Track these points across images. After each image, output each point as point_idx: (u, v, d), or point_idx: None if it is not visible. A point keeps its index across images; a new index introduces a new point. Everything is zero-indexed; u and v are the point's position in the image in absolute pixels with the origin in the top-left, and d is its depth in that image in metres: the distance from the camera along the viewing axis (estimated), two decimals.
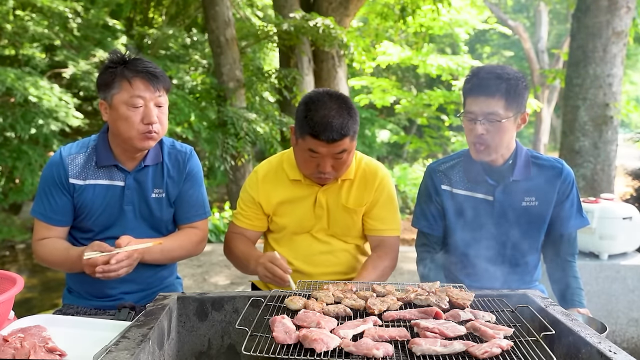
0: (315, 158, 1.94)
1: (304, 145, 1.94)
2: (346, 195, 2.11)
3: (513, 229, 2.03)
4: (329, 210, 2.11)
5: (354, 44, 8.19)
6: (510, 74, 1.89)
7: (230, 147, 7.17)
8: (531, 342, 1.29)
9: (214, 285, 4.87)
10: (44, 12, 8.30)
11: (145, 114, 1.84)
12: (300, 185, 2.10)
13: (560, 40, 18.39)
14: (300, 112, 1.95)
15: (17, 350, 1.25)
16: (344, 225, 2.14)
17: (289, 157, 2.14)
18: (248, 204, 2.16)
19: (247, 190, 2.16)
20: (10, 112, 6.45)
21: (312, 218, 2.12)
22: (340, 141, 1.89)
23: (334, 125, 1.86)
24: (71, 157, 1.95)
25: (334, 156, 1.93)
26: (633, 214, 3.47)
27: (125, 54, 1.89)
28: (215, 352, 1.62)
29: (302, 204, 2.11)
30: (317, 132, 1.87)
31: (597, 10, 5.67)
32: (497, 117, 1.87)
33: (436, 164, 2.17)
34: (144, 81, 1.83)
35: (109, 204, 1.95)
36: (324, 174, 1.97)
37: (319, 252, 2.15)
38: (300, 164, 2.03)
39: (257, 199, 2.13)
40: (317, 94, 1.96)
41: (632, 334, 3.53)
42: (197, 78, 8.74)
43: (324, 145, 1.89)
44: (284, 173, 2.12)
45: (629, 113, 10.74)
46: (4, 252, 7.59)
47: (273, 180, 2.13)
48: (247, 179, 2.19)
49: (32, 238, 2.01)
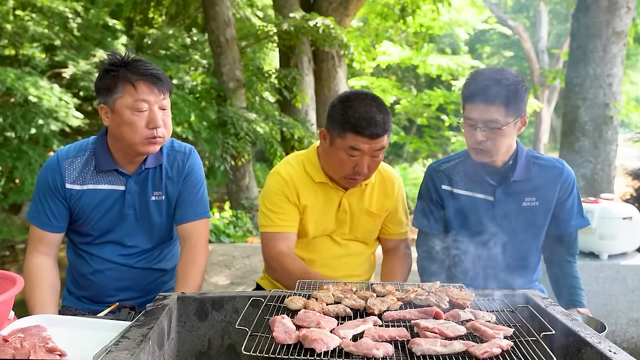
0: (354, 157, 1.91)
1: (343, 144, 1.91)
2: (369, 200, 2.10)
3: (513, 229, 2.03)
4: (352, 215, 2.09)
5: (354, 44, 8.19)
6: (510, 79, 1.87)
7: (230, 147, 7.17)
8: (531, 342, 1.29)
9: (214, 285, 4.87)
10: (44, 12, 8.29)
11: (151, 119, 1.78)
12: (325, 188, 2.07)
13: (560, 40, 18.39)
14: (337, 111, 1.93)
15: (17, 350, 1.25)
16: (366, 229, 2.14)
17: (310, 160, 2.10)
18: (283, 205, 2.04)
19: (277, 192, 2.06)
20: (10, 112, 6.44)
21: (334, 223, 2.09)
22: (382, 137, 1.91)
23: (378, 121, 1.88)
24: (68, 161, 1.90)
25: (373, 154, 1.92)
26: (633, 214, 3.47)
27: (124, 55, 1.83)
28: (215, 352, 1.62)
29: (326, 209, 2.07)
30: (361, 128, 1.86)
31: (597, 10, 5.67)
32: (497, 124, 1.86)
33: (437, 164, 2.17)
34: (148, 84, 1.77)
35: (109, 209, 1.92)
36: (359, 174, 1.95)
37: (338, 256, 2.13)
38: (334, 166, 1.98)
39: (293, 198, 2.05)
40: (352, 93, 1.97)
41: (632, 334, 3.53)
42: (197, 78, 8.73)
43: (367, 142, 1.88)
44: (308, 176, 2.07)
45: (629, 113, 10.74)
46: (4, 252, 7.58)
47: (299, 182, 2.07)
48: (271, 182, 2.09)
49: (27, 244, 1.96)
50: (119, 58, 1.81)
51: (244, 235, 7.47)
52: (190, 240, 1.97)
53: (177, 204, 1.99)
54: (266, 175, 9.93)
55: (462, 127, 1.97)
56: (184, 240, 1.98)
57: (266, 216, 2.08)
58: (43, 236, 1.91)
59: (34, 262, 1.90)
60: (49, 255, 1.93)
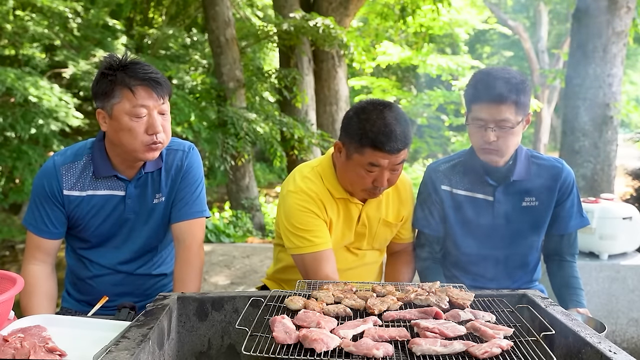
0: (373, 172, 1.82)
1: (361, 160, 1.81)
2: (385, 210, 2.04)
3: (513, 229, 2.03)
4: (371, 227, 2.03)
5: (354, 44, 8.18)
6: (517, 78, 1.87)
7: (230, 147, 7.17)
8: (531, 342, 1.29)
9: (214, 285, 4.87)
10: (44, 12, 8.29)
11: (150, 124, 1.72)
12: (345, 203, 1.98)
13: (560, 40, 18.38)
14: (353, 125, 1.82)
15: (17, 350, 1.25)
16: (383, 239, 2.11)
17: (326, 173, 1.98)
18: (315, 222, 1.90)
19: (304, 209, 1.91)
20: (10, 112, 6.44)
21: (352, 236, 2.03)
22: (403, 151, 1.81)
23: (398, 134, 1.77)
24: (65, 166, 1.84)
25: (393, 168, 1.83)
26: (633, 214, 3.47)
27: (122, 57, 1.75)
28: (215, 352, 1.62)
29: (346, 224, 2.00)
30: (381, 143, 1.76)
31: (597, 10, 5.66)
32: (509, 123, 1.85)
33: (436, 164, 2.17)
34: (147, 89, 1.70)
35: (109, 215, 1.88)
36: (379, 189, 1.87)
37: (353, 267, 2.09)
38: (352, 181, 1.88)
39: (322, 214, 1.93)
40: (368, 104, 1.85)
41: (632, 334, 3.53)
42: (197, 78, 8.74)
43: (387, 157, 1.78)
44: (327, 192, 1.95)
45: (629, 113, 10.73)
46: (4, 252, 7.59)
47: (323, 196, 1.95)
48: (295, 200, 1.92)
49: (25, 251, 1.92)
50: (116, 61, 1.74)
51: (244, 235, 7.47)
52: (184, 241, 1.90)
53: (173, 202, 1.93)
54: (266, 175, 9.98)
55: (469, 128, 1.96)
56: (178, 240, 1.92)
57: (298, 237, 1.91)
58: (40, 243, 1.87)
59: (31, 270, 1.86)
60: (46, 263, 1.89)
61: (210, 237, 7.12)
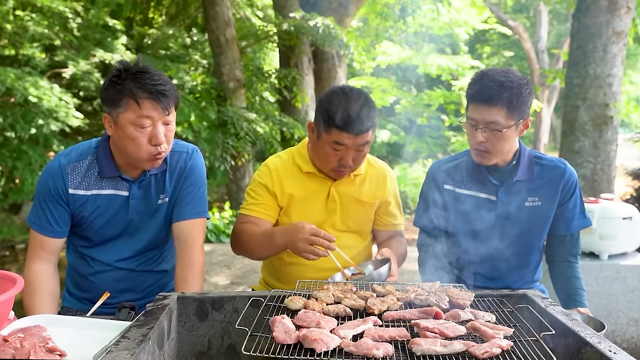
0: (339, 151, 1.96)
1: (328, 139, 1.96)
2: (359, 189, 2.14)
3: (516, 229, 2.03)
4: (342, 204, 2.13)
5: (354, 44, 8.18)
6: (514, 82, 1.86)
7: (230, 147, 7.17)
8: (531, 342, 1.29)
9: (214, 285, 4.88)
10: (44, 12, 8.28)
11: (153, 135, 1.74)
12: (313, 178, 2.12)
13: (560, 40, 18.37)
14: (323, 107, 1.98)
15: (17, 350, 1.25)
16: (359, 218, 2.17)
17: (299, 151, 2.16)
18: (261, 193, 2.12)
19: (260, 180, 2.13)
20: (10, 112, 6.43)
21: (324, 212, 2.13)
22: (366, 133, 1.94)
23: (361, 117, 1.91)
24: (71, 166, 1.86)
25: (357, 148, 1.96)
26: (633, 214, 3.47)
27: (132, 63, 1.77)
28: (215, 352, 1.62)
29: (314, 198, 2.12)
30: (345, 124, 1.90)
31: (597, 10, 5.66)
32: (498, 126, 1.86)
33: (439, 163, 2.18)
34: (152, 102, 1.72)
35: (113, 214, 1.90)
36: (345, 167, 2.00)
37: None
38: (321, 158, 2.05)
39: (272, 188, 2.11)
40: (338, 89, 2.01)
41: (632, 334, 3.53)
42: (197, 78, 8.73)
43: (351, 138, 1.92)
44: (296, 167, 2.13)
45: (629, 113, 10.74)
46: (4, 252, 7.58)
47: (285, 172, 2.13)
48: (258, 172, 2.18)
49: (28, 250, 1.93)
50: (126, 68, 1.75)
51: None
52: (185, 241, 1.92)
53: (175, 202, 1.96)
54: None
55: (465, 127, 1.97)
56: (179, 240, 1.94)
57: (246, 201, 2.16)
58: (44, 242, 1.88)
59: (34, 269, 1.87)
60: (49, 262, 1.90)
61: (210, 237, 7.12)
